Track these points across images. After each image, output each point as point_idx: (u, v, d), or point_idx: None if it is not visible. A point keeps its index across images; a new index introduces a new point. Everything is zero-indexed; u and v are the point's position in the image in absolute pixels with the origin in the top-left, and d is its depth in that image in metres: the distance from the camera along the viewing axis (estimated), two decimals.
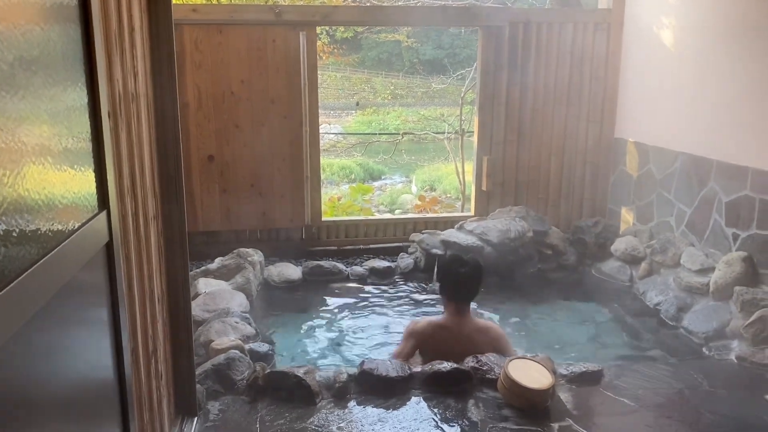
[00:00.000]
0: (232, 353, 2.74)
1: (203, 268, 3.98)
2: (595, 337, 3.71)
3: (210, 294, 3.54)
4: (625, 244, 4.37)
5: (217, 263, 4.02)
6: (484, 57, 4.86)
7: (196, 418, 2.40)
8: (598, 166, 5.06)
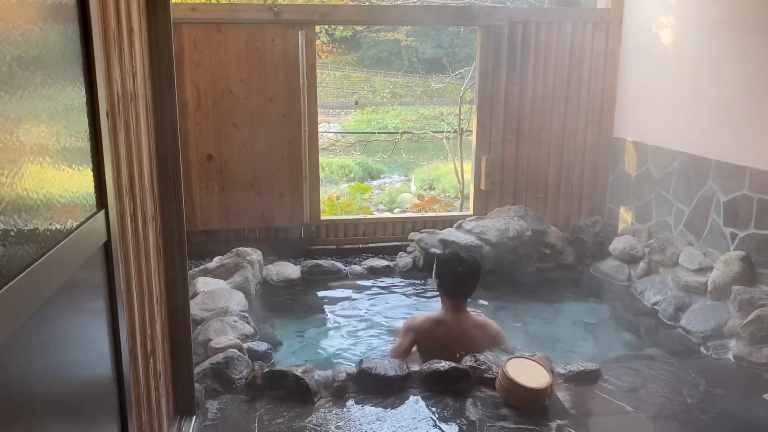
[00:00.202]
0: (230, 352, 2.74)
1: (202, 267, 3.98)
2: (593, 336, 3.72)
3: (209, 293, 3.54)
4: (623, 244, 4.38)
5: (216, 262, 4.01)
6: (483, 56, 4.86)
7: (194, 417, 2.40)
8: (597, 166, 5.06)
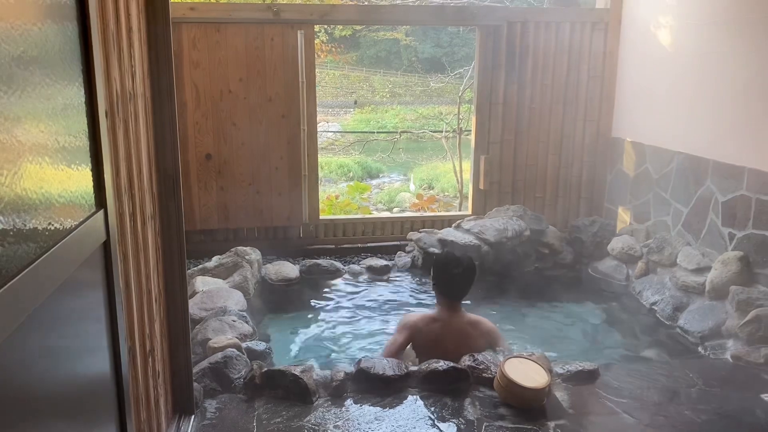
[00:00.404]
0: (229, 351, 2.74)
1: (201, 267, 3.98)
2: (592, 336, 3.72)
3: (207, 292, 3.54)
4: (621, 244, 4.38)
5: (215, 261, 4.02)
6: (482, 56, 4.86)
7: (193, 417, 2.40)
8: (595, 166, 5.06)
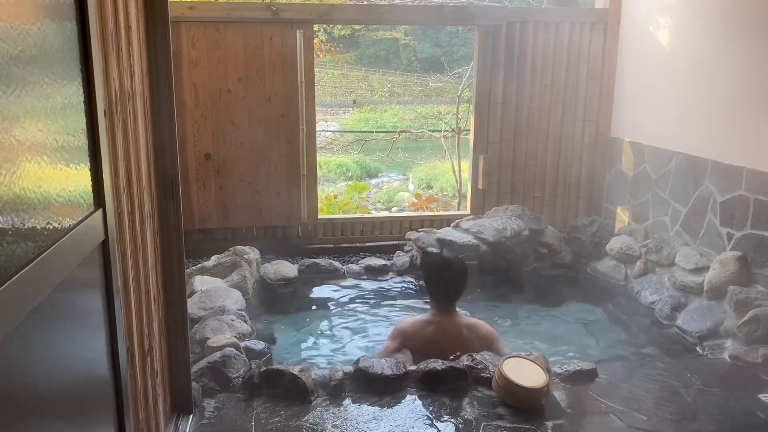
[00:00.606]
0: (227, 351, 2.75)
1: (199, 266, 3.98)
2: (590, 335, 3.73)
3: (206, 292, 3.54)
4: (620, 243, 4.39)
5: (213, 261, 4.02)
6: (481, 56, 4.86)
7: (191, 416, 2.41)
8: (594, 165, 5.07)
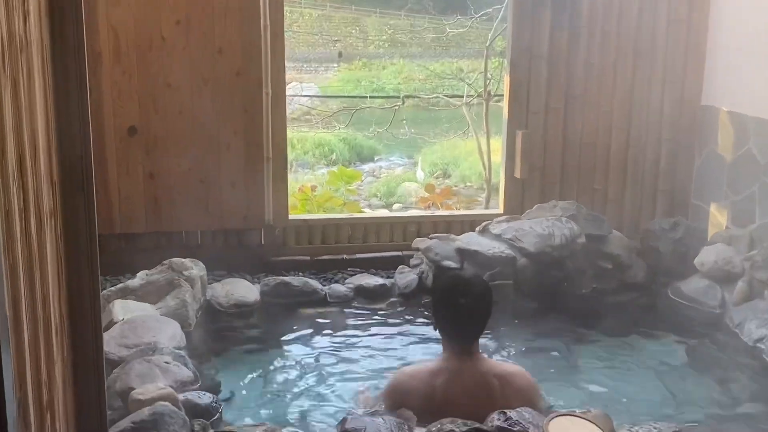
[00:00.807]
0: (160, 407, 2.74)
1: (121, 286, 3.98)
2: (671, 386, 3.73)
3: (130, 322, 3.54)
4: (714, 256, 4.39)
5: (141, 279, 4.02)
6: None
7: None
8: (678, 146, 5.08)
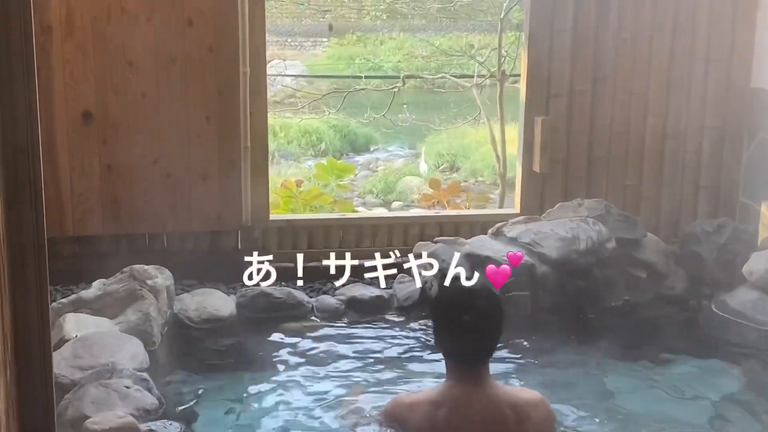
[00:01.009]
0: None
1: (74, 297, 3.98)
2: (718, 415, 3.74)
3: (84, 340, 3.54)
4: (766, 263, 4.40)
5: (97, 289, 4.02)
6: None
7: None
8: (724, 134, 5.08)
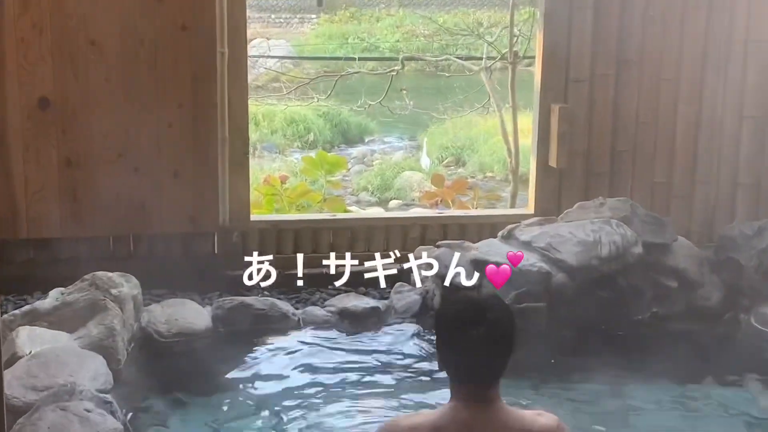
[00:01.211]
0: None
1: (28, 308, 3.97)
2: None
3: (40, 357, 3.53)
4: None
5: (55, 299, 4.01)
6: None
7: None
8: (765, 125, 5.10)
